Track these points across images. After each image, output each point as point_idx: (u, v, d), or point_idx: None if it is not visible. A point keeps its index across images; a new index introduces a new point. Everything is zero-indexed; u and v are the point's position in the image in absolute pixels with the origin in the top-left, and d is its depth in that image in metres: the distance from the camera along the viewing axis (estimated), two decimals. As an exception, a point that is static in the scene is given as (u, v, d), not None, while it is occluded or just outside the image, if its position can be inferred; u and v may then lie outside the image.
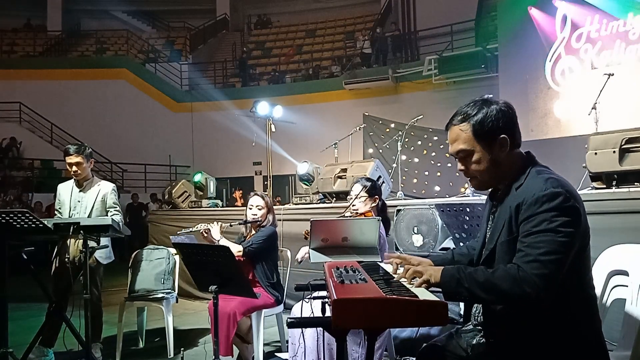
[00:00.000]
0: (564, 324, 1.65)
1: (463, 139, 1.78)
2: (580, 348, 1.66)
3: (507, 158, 1.77)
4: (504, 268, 1.63)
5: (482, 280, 1.62)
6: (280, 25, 20.73)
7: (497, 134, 1.75)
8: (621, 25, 8.35)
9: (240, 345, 3.69)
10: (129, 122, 16.34)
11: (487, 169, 1.78)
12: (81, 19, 21.27)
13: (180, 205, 7.76)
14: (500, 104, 1.79)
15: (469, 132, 1.77)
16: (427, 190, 11.66)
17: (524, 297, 1.56)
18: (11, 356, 3.28)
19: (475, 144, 1.77)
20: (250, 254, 3.67)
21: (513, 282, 1.57)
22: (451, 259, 2.10)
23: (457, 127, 1.79)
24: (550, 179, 1.67)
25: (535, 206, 1.63)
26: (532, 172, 1.75)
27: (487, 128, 1.75)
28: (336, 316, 1.44)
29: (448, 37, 13.58)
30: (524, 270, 1.57)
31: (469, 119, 1.77)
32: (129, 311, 4.31)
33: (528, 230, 1.63)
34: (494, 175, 1.80)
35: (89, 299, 3.41)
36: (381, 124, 13.04)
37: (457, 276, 1.65)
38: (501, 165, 1.77)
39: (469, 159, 1.79)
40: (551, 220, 1.60)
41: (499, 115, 1.75)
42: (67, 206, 4.08)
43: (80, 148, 4.05)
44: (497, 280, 1.60)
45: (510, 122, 1.77)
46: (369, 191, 3.50)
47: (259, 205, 3.81)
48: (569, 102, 8.86)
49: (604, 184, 3.98)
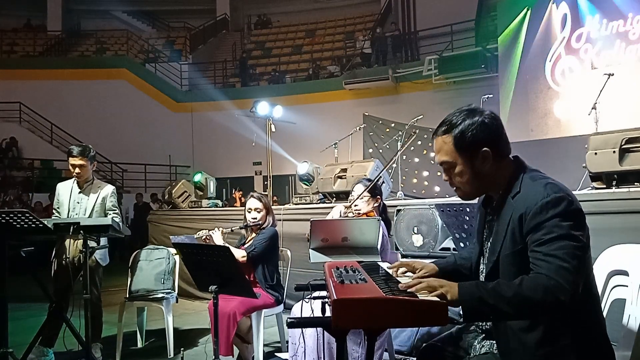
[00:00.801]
0: (569, 324, 1.64)
1: (445, 151, 1.77)
2: (587, 348, 1.65)
3: (492, 170, 1.75)
4: (529, 279, 1.57)
5: (511, 295, 1.53)
6: (280, 25, 20.73)
7: (479, 147, 1.72)
8: (621, 25, 8.35)
9: (240, 345, 3.69)
10: (129, 122, 16.34)
11: (469, 182, 1.77)
12: (81, 19, 21.28)
13: (180, 205, 7.76)
14: (484, 115, 1.76)
15: (451, 145, 1.75)
16: (427, 190, 11.66)
17: (559, 305, 1.52)
18: (11, 356, 3.28)
19: (457, 156, 1.75)
20: (255, 258, 3.67)
21: (545, 292, 1.52)
22: (453, 262, 2.08)
23: (441, 138, 1.78)
24: (549, 184, 1.66)
25: (542, 214, 1.60)
26: (526, 178, 1.73)
27: (468, 141, 1.72)
28: (336, 316, 1.44)
29: (448, 37, 13.58)
30: (553, 279, 1.53)
31: (452, 130, 1.75)
32: (129, 311, 4.30)
33: (540, 240, 1.59)
34: (477, 186, 1.79)
35: (89, 299, 3.41)
36: (381, 124, 13.04)
37: (479, 293, 1.55)
38: (485, 177, 1.76)
39: (452, 170, 1.78)
40: (560, 226, 1.58)
41: (481, 128, 1.72)
42: (65, 207, 4.06)
43: (85, 150, 4.02)
44: (527, 292, 1.53)
45: (494, 134, 1.74)
46: (371, 191, 3.51)
47: (258, 208, 3.80)
48: (569, 102, 8.86)
49: (604, 184, 3.98)
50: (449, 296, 1.55)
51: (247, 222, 3.81)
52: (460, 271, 2.03)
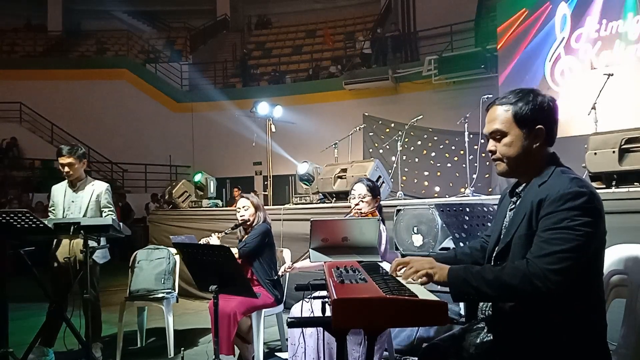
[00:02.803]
0: (570, 324, 1.65)
1: (501, 120, 1.78)
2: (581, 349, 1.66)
3: (537, 151, 1.77)
4: (512, 265, 1.65)
5: (491, 278, 1.62)
6: (280, 26, 20.73)
7: (536, 123, 1.75)
8: (621, 25, 8.35)
9: (240, 345, 3.70)
10: (129, 122, 16.35)
11: (516, 155, 1.78)
12: (81, 19, 21.27)
13: (180, 205, 7.76)
14: (547, 98, 1.79)
15: (509, 114, 1.77)
16: (427, 190, 11.66)
17: (535, 291, 1.56)
18: (11, 356, 3.29)
19: (512, 126, 1.77)
20: (245, 254, 3.71)
21: (522, 278, 1.57)
22: (454, 256, 2.10)
23: (501, 107, 1.79)
24: (576, 179, 1.69)
25: (558, 203, 1.63)
26: (557, 171, 1.75)
27: (528, 115, 1.75)
28: (336, 316, 1.44)
29: (448, 37, 13.58)
30: (533, 264, 1.58)
31: (514, 103, 1.77)
32: (129, 311, 4.30)
33: (547, 226, 1.63)
34: (520, 163, 1.79)
35: (88, 298, 3.41)
36: (381, 124, 13.05)
37: (464, 276, 1.66)
38: (530, 155, 1.77)
39: (501, 140, 1.79)
40: (572, 218, 1.60)
41: (542, 107, 1.76)
42: (60, 207, 4.08)
43: (73, 149, 4.05)
44: (506, 277, 1.60)
45: (552, 117, 1.79)
46: (372, 191, 3.51)
47: (245, 206, 3.87)
48: (568, 102, 8.84)
49: (604, 184, 3.98)
50: (437, 277, 1.68)
51: (238, 222, 3.88)
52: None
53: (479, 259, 2.04)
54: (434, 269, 1.71)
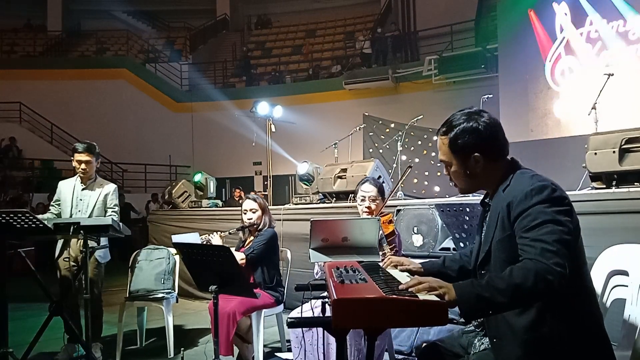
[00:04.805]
0: (559, 312, 1.66)
1: (443, 151, 1.88)
2: (583, 340, 1.66)
3: (485, 171, 1.83)
4: (517, 267, 1.60)
5: (504, 287, 1.55)
6: (280, 25, 20.73)
7: (470, 152, 1.81)
8: (621, 25, 8.35)
9: (240, 345, 3.69)
10: (129, 122, 16.35)
11: (464, 180, 1.88)
12: (81, 19, 21.26)
13: (180, 205, 7.76)
14: (481, 120, 1.82)
15: (447, 146, 1.86)
16: (427, 190, 11.65)
17: (548, 287, 1.55)
18: (11, 356, 3.28)
19: (451, 157, 1.86)
20: (253, 260, 3.68)
21: (536, 276, 1.55)
22: (440, 265, 2.13)
23: (440, 138, 1.89)
24: (535, 175, 1.76)
25: (526, 201, 1.67)
26: (517, 173, 1.82)
27: (460, 146, 1.82)
28: (336, 316, 1.44)
29: (448, 37, 13.57)
30: (541, 262, 1.57)
31: (449, 132, 1.84)
32: (129, 311, 4.30)
33: (526, 226, 1.65)
34: (472, 184, 1.90)
35: (89, 298, 3.41)
36: (381, 124, 13.04)
37: (475, 291, 1.56)
38: (478, 177, 1.85)
39: (449, 168, 1.89)
40: (545, 211, 1.64)
41: (474, 135, 1.80)
42: (68, 203, 4.09)
43: (91, 147, 4.11)
44: (518, 280, 1.55)
45: (486, 140, 1.81)
46: (381, 192, 3.46)
47: (253, 209, 3.83)
48: (568, 102, 8.86)
49: (604, 184, 3.97)
50: (447, 297, 1.54)
51: (243, 224, 3.85)
52: (446, 273, 2.07)
53: (467, 264, 2.06)
54: (443, 289, 1.56)
